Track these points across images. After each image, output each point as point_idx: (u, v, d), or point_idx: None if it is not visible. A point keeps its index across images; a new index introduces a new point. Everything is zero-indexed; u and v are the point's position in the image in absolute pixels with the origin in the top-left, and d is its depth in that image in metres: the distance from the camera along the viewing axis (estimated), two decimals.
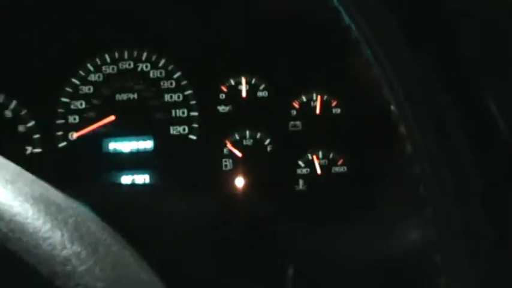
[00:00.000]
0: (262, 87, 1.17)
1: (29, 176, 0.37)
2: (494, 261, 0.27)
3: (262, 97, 1.17)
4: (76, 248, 0.33)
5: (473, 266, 0.27)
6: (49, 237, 0.32)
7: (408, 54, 0.28)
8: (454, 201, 0.28)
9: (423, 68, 0.28)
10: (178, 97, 1.19)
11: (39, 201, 0.35)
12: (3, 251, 0.31)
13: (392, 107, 0.30)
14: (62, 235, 0.33)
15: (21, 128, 1.17)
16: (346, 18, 0.30)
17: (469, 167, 0.28)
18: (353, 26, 0.30)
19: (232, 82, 1.18)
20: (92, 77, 1.19)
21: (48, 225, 0.33)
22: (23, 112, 1.17)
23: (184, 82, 1.19)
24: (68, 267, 0.32)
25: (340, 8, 0.30)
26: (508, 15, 0.28)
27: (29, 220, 0.33)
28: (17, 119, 1.17)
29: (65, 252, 0.32)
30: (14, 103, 1.17)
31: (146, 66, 1.20)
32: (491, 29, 0.29)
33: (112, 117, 1.18)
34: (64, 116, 1.18)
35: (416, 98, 0.28)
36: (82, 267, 0.32)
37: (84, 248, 0.33)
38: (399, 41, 0.28)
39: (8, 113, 1.17)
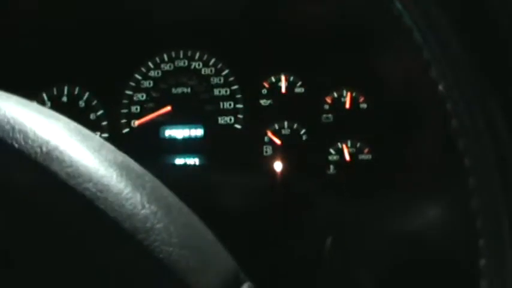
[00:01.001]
0: (299, 84, 1.16)
1: (111, 146, 0.37)
2: None
3: (299, 93, 1.16)
4: (153, 208, 0.32)
5: None
6: (130, 198, 0.32)
7: (459, 42, 0.27)
8: (497, 171, 0.27)
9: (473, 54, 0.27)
10: (226, 91, 1.18)
11: (121, 167, 0.34)
12: (93, 207, 0.30)
13: (440, 87, 0.28)
14: (141, 197, 0.32)
15: (92, 116, 1.18)
16: (399, 6, 0.29)
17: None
18: (406, 15, 0.29)
19: (273, 79, 1.17)
20: (152, 73, 1.20)
21: (129, 188, 0.32)
22: (94, 102, 1.18)
23: (231, 78, 1.18)
24: (148, 224, 0.31)
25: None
26: None
27: (114, 183, 0.32)
28: (88, 108, 1.18)
29: (144, 212, 0.32)
30: (86, 94, 1.18)
31: (198, 65, 1.19)
32: None
33: (168, 108, 1.18)
34: (128, 106, 1.19)
35: (463, 79, 0.27)
36: (159, 225, 0.32)
37: (160, 209, 0.33)
38: (450, 30, 0.27)
39: (82, 103, 1.18)
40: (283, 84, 1.16)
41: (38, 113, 0.35)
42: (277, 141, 1.15)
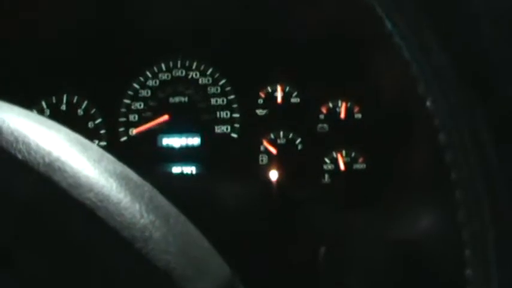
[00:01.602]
0: (295, 94, 1.17)
1: (110, 157, 0.38)
2: None
3: (295, 103, 1.17)
4: (152, 217, 0.33)
5: (499, 245, 0.27)
6: (129, 207, 0.33)
7: (445, 57, 0.28)
8: (483, 183, 0.28)
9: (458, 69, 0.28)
10: (223, 101, 1.19)
11: (120, 177, 0.35)
12: (93, 216, 0.31)
13: (427, 103, 0.29)
14: (140, 206, 0.33)
15: (90, 124, 1.19)
16: (389, 25, 0.30)
17: (497, 157, 0.28)
18: (396, 33, 0.30)
19: (269, 89, 1.18)
20: (150, 83, 1.20)
21: (128, 198, 0.33)
22: (93, 111, 1.19)
23: (228, 88, 1.19)
24: (146, 233, 0.32)
25: (384, 15, 0.30)
26: None
27: (113, 193, 0.33)
28: (87, 116, 1.19)
29: (142, 221, 0.33)
30: (85, 103, 1.19)
31: (196, 74, 1.20)
32: None
33: (166, 117, 1.19)
34: (126, 115, 1.20)
35: (450, 95, 0.28)
36: (157, 234, 0.32)
37: (158, 218, 0.34)
38: (436, 44, 0.28)
39: (80, 112, 1.19)
40: (279, 94, 1.17)
41: (40, 124, 0.36)
42: (273, 151, 1.15)
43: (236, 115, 1.18)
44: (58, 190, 0.32)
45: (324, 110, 1.16)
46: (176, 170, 1.18)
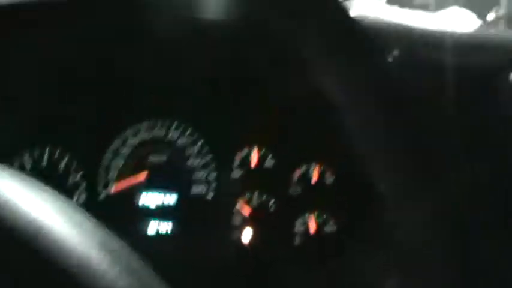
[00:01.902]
0: (269, 156, 1.20)
1: (91, 220, 0.40)
2: None
3: (269, 165, 1.20)
4: (130, 280, 0.35)
5: None
6: (110, 271, 0.35)
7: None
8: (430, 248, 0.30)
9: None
10: (199, 162, 1.21)
11: (101, 241, 0.37)
12: (75, 281, 0.33)
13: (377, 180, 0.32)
14: (120, 269, 0.36)
15: (70, 179, 1.20)
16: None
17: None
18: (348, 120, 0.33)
19: (246, 151, 1.21)
20: (131, 141, 1.22)
21: (108, 261, 0.35)
22: (73, 166, 1.20)
23: (205, 149, 1.22)
24: None
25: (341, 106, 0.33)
26: None
27: (94, 255, 0.35)
28: (67, 171, 1.20)
29: (122, 282, 0.35)
30: (66, 158, 1.20)
31: (175, 135, 1.23)
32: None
33: (144, 176, 1.21)
34: (106, 171, 1.21)
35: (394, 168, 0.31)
36: None
37: (136, 281, 0.36)
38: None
39: (61, 166, 1.20)
40: (254, 157, 1.20)
41: (25, 187, 0.38)
42: (246, 212, 1.18)
43: (212, 176, 1.20)
44: (42, 255, 0.34)
45: (297, 173, 1.19)
46: (152, 228, 1.19)
